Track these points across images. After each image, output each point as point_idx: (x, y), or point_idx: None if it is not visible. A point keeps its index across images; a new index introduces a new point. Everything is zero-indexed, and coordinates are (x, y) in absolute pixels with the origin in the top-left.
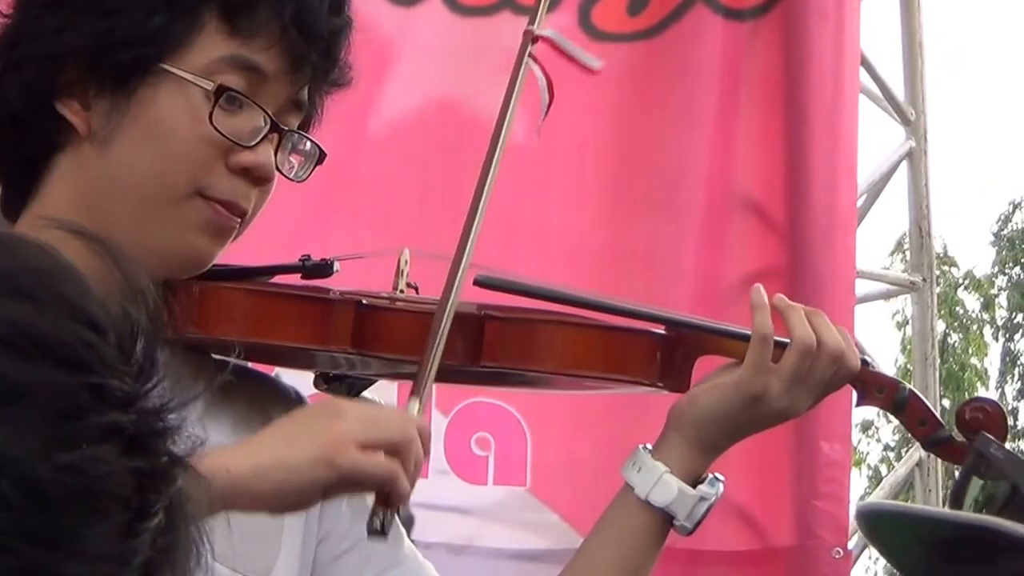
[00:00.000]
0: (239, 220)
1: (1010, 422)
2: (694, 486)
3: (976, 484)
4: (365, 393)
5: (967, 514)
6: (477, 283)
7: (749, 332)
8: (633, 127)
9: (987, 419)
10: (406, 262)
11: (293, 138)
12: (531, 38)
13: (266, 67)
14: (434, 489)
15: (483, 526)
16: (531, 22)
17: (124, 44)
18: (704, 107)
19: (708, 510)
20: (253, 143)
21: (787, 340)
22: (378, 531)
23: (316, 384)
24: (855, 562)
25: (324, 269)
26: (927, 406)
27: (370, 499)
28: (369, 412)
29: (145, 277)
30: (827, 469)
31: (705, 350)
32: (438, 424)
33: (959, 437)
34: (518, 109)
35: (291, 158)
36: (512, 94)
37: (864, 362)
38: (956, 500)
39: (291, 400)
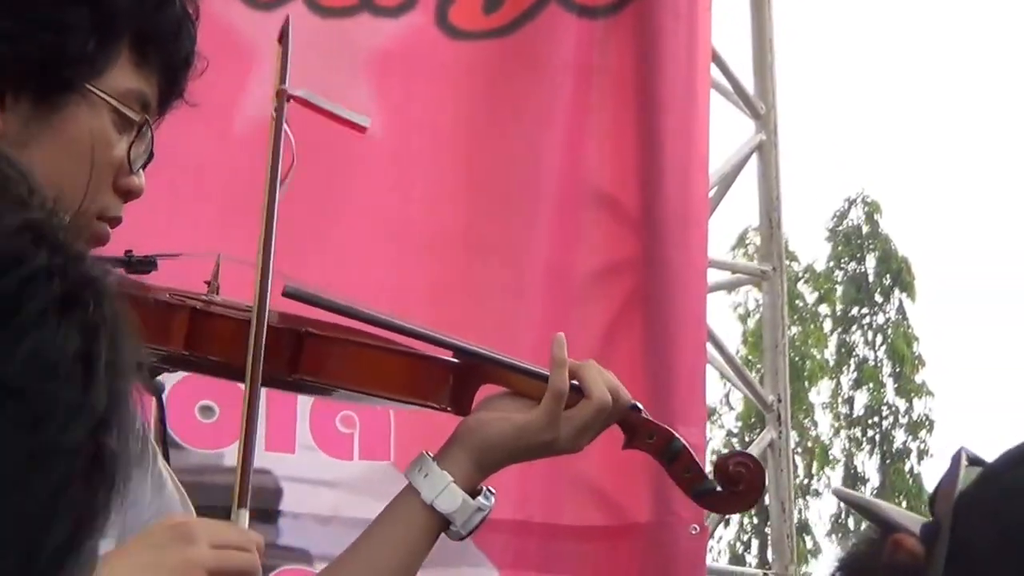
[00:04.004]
0: None
1: (845, 411)
2: (473, 497)
3: None
4: (162, 379)
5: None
6: (285, 295)
7: (538, 370)
8: (488, 123)
9: (749, 475)
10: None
11: None
12: (285, 97)
13: (152, 102)
14: (301, 463)
15: (348, 498)
16: (282, 81)
17: (71, 61)
18: (557, 103)
19: (482, 521)
20: (137, 168)
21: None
22: None
23: None
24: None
25: (148, 266)
26: (695, 459)
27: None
28: (219, 535)
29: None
30: None
31: (491, 380)
32: (304, 403)
33: (720, 487)
34: (374, 106)
35: None
36: (276, 156)
37: (636, 407)
38: None
39: None
